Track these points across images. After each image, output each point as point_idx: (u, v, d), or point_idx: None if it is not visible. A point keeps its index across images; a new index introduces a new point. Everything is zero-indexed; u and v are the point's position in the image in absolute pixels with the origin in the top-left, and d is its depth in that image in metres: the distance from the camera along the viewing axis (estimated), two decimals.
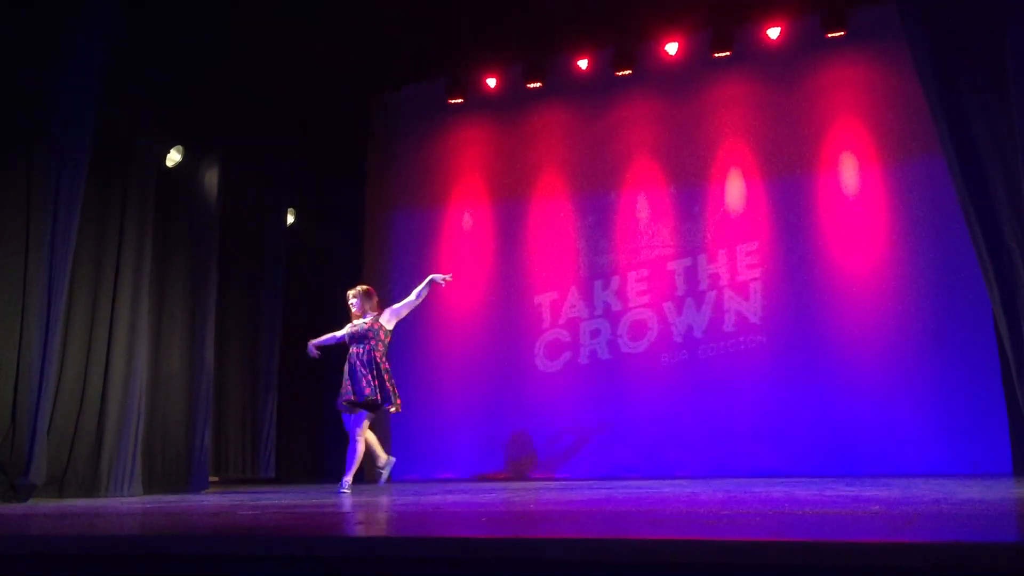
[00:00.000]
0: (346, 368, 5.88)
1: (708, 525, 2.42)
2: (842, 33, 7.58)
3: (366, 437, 5.89)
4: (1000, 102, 5.55)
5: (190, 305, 6.86)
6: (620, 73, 8.40)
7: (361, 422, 5.82)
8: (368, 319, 5.98)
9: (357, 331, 5.95)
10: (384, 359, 5.91)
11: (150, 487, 6.31)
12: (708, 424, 7.58)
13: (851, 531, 2.15)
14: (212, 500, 4.92)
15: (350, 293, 6.13)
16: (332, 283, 8.67)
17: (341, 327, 6.00)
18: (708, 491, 4.53)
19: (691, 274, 7.99)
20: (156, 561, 2.21)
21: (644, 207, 8.28)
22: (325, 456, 8.36)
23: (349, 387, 5.80)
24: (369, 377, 5.77)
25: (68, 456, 5.70)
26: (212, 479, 7.30)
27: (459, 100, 8.92)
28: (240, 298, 7.97)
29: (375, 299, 6.09)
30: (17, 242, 5.34)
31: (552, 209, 8.66)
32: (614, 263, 8.30)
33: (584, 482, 6.91)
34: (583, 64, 8.37)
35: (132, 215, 6.24)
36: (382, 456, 6.05)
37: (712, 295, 7.87)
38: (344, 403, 5.86)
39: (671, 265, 8.08)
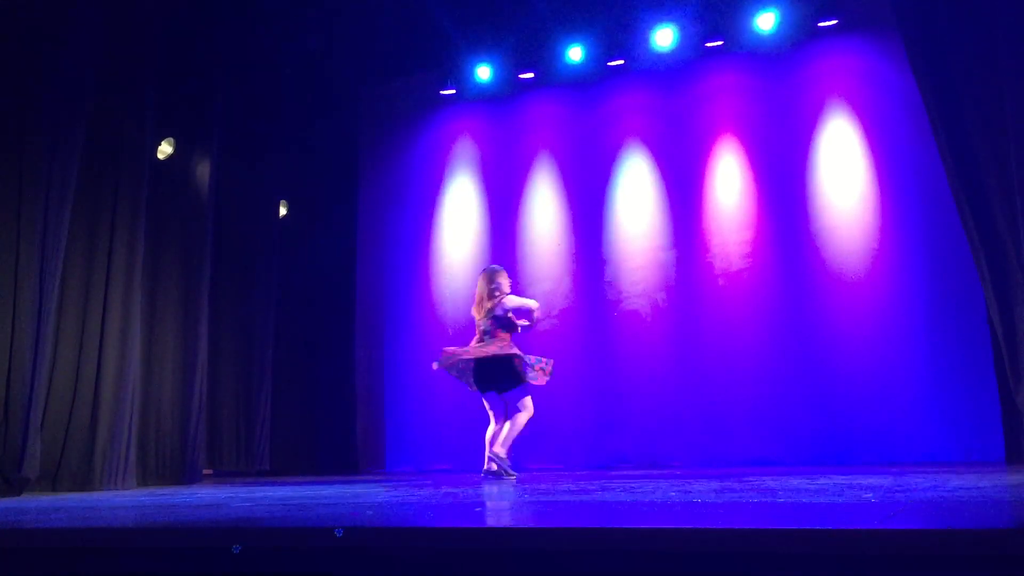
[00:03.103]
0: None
1: (702, 514, 2.42)
2: (835, 22, 7.59)
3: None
4: (992, 90, 5.56)
5: (183, 297, 6.83)
6: (612, 63, 8.40)
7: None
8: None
9: None
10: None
11: (144, 480, 6.29)
12: (703, 414, 7.58)
13: (846, 519, 2.15)
14: (206, 492, 4.91)
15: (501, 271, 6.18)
16: (325, 275, 8.64)
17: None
18: (702, 480, 4.54)
19: (684, 264, 7.99)
20: (150, 554, 2.21)
21: (637, 197, 8.27)
22: (319, 449, 8.34)
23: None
24: None
25: (61, 449, 5.67)
26: (206, 472, 7.28)
27: (451, 91, 8.90)
28: (233, 290, 7.93)
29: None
30: (8, 235, 5.30)
31: (545, 199, 8.65)
32: (607, 253, 8.29)
33: (578, 472, 6.92)
34: (576, 54, 8.34)
35: (124, 208, 6.19)
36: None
37: (705, 285, 7.87)
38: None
39: (664, 255, 8.08)
